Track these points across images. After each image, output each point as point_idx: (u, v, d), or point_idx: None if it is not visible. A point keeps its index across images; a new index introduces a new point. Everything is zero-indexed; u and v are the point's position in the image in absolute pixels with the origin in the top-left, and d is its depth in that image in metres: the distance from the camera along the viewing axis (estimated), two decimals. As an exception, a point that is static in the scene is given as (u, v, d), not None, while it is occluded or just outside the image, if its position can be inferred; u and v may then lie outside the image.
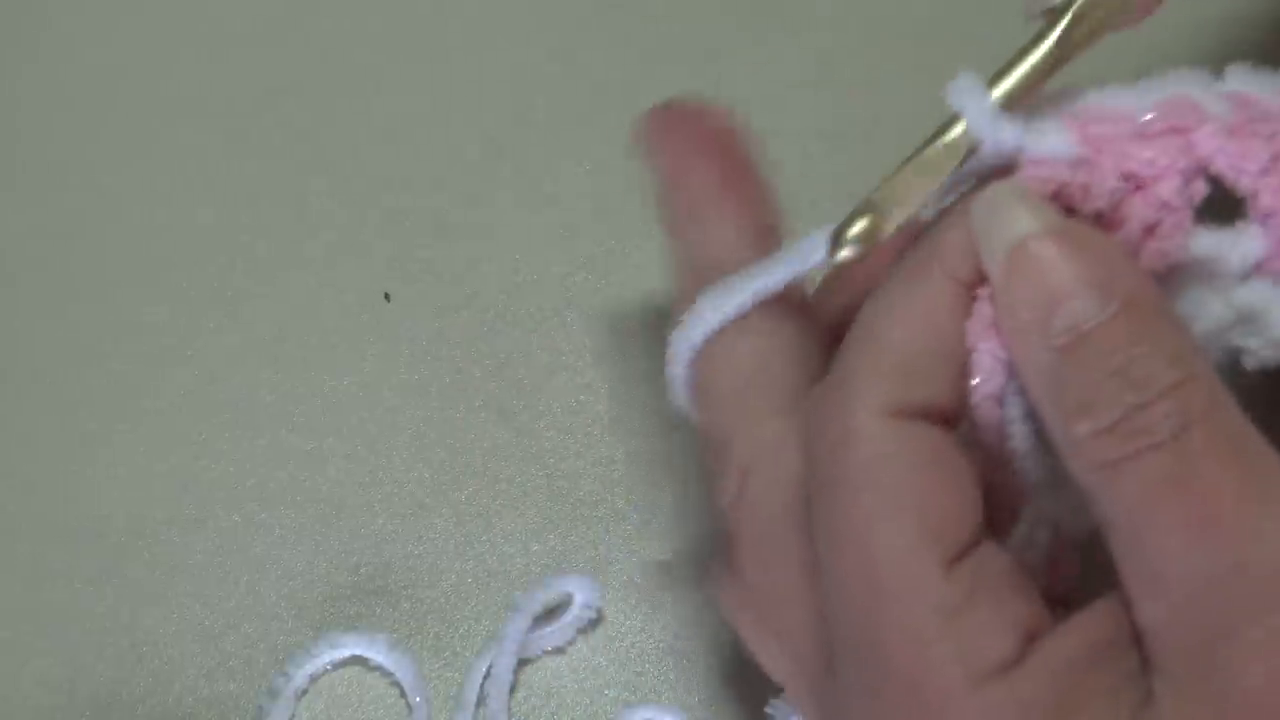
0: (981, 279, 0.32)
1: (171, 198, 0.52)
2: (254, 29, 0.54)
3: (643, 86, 0.52)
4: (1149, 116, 0.33)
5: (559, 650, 0.45)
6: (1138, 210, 0.32)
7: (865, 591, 0.32)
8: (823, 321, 0.37)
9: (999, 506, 0.34)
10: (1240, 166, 0.32)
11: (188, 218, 0.51)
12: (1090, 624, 0.32)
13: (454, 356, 0.49)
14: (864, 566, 0.32)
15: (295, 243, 0.51)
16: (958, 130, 0.33)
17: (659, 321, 0.49)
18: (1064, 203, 0.32)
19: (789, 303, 0.36)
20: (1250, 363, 0.34)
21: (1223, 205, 0.33)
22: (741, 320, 0.35)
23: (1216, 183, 0.33)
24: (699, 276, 0.37)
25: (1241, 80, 0.34)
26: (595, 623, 0.46)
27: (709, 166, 0.38)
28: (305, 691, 0.45)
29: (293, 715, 0.45)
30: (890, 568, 0.31)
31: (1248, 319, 0.33)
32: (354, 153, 0.52)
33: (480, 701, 0.45)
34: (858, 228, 0.32)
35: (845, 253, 0.32)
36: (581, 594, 0.45)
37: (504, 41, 0.53)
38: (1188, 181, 0.32)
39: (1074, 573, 0.35)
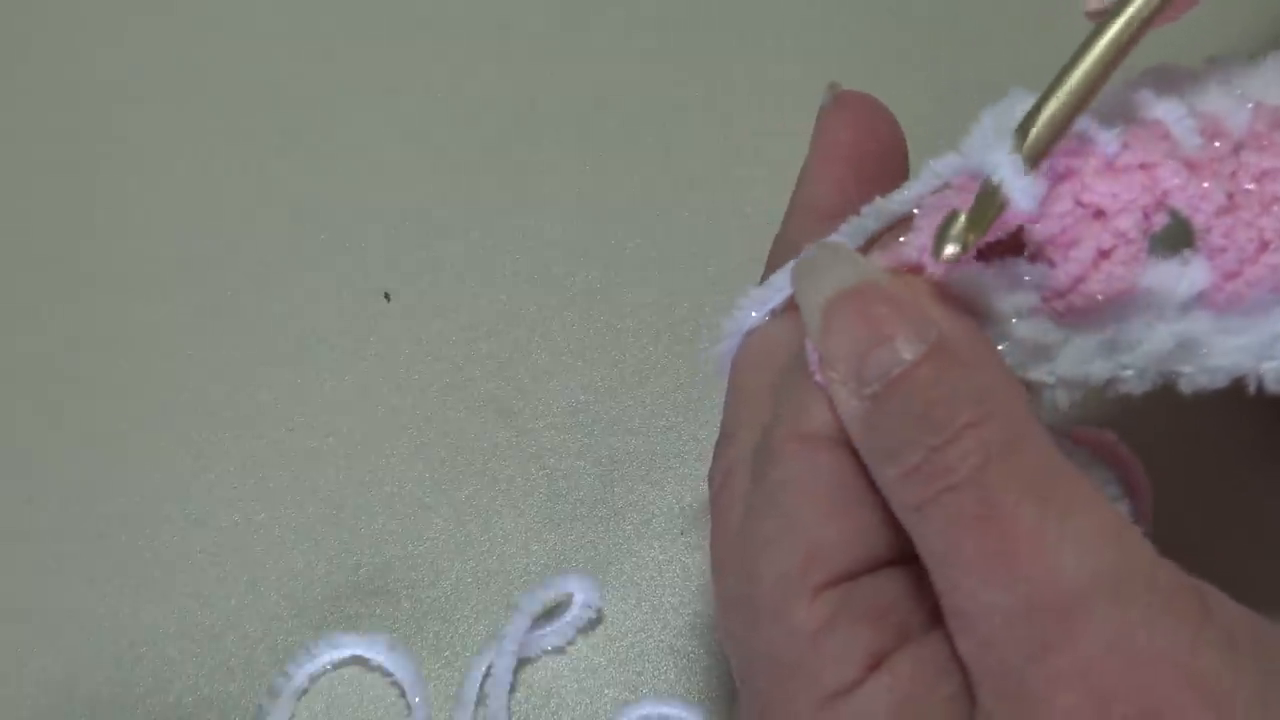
0: None
1: (171, 197, 0.52)
2: (255, 28, 0.54)
3: (643, 87, 0.52)
4: (1115, 148, 0.33)
5: (559, 650, 0.45)
6: (1094, 234, 0.32)
7: (745, 609, 0.33)
8: None
9: None
10: (1197, 205, 0.33)
11: (188, 217, 0.51)
12: (926, 649, 0.32)
13: (454, 356, 0.49)
14: (750, 585, 0.33)
15: (295, 243, 0.51)
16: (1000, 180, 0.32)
17: (659, 322, 0.49)
18: (1011, 223, 0.32)
19: None
20: (1185, 387, 0.34)
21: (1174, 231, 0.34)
22: (786, 315, 0.36)
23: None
24: (775, 263, 0.37)
25: (1218, 81, 0.34)
26: (595, 622, 0.46)
27: (835, 161, 0.38)
28: (305, 691, 0.45)
29: (292, 715, 0.45)
30: (767, 589, 0.33)
31: (1187, 346, 0.33)
32: (354, 152, 0.52)
33: (480, 701, 0.45)
34: (956, 228, 0.33)
35: (950, 249, 0.32)
36: (581, 594, 0.45)
37: (505, 41, 0.53)
38: (1147, 215, 0.33)
39: None
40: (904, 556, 0.33)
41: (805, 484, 0.33)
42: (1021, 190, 0.31)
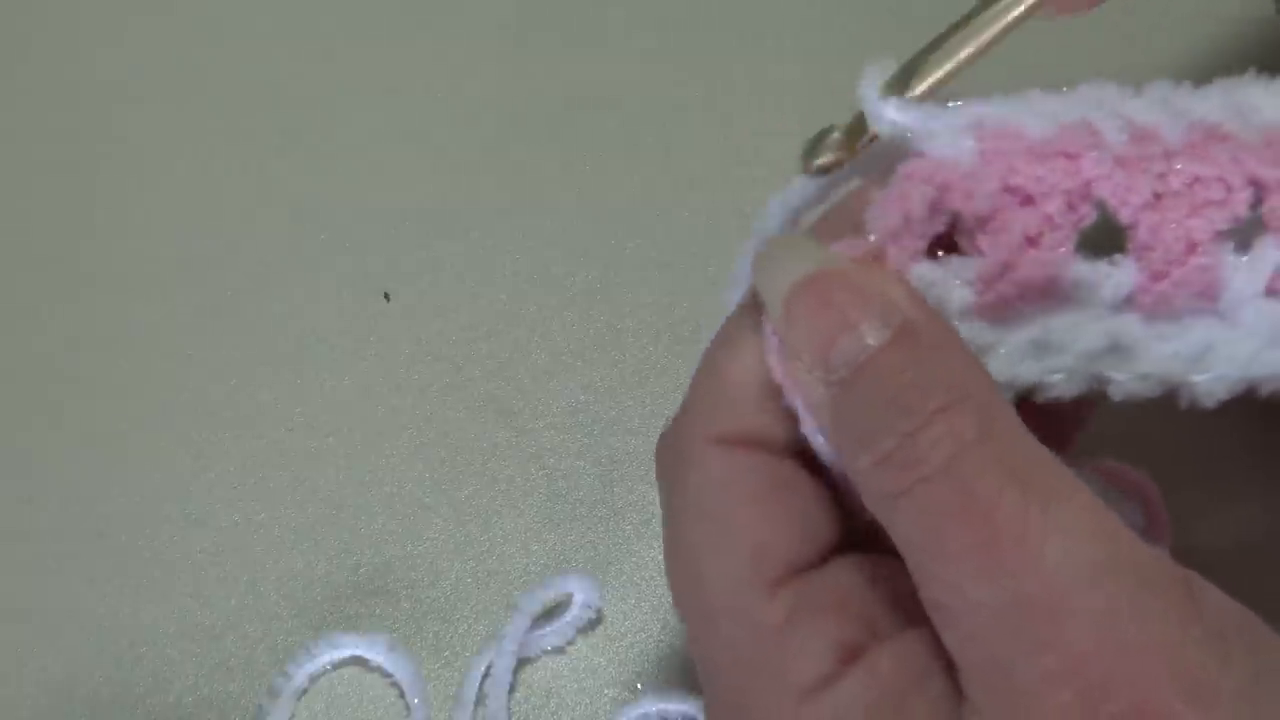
0: None
1: (171, 197, 0.52)
2: (255, 28, 0.54)
3: (643, 87, 0.52)
4: (1041, 137, 0.33)
5: (559, 650, 0.45)
6: (1021, 219, 0.33)
7: (699, 615, 0.33)
8: None
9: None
10: (1123, 198, 0.33)
11: (188, 217, 0.51)
12: (909, 644, 0.32)
13: (454, 356, 0.49)
14: (696, 591, 0.33)
15: (295, 243, 0.51)
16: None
17: (659, 322, 0.49)
18: (946, 204, 0.33)
19: None
20: (1116, 394, 0.34)
21: (1108, 238, 0.34)
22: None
23: (1105, 215, 0.33)
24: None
25: (1157, 100, 0.34)
26: (595, 622, 0.46)
27: None
28: (305, 691, 0.45)
29: (292, 715, 0.45)
30: (717, 593, 0.32)
31: (1116, 350, 0.33)
32: (354, 152, 0.52)
33: (479, 701, 0.45)
34: (832, 139, 0.34)
35: (822, 159, 0.34)
36: (581, 594, 0.45)
37: (505, 41, 0.53)
38: (1072, 204, 0.33)
39: None
40: (847, 545, 0.33)
41: (732, 485, 0.33)
42: (874, 105, 0.33)
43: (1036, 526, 0.29)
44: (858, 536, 0.34)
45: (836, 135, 0.33)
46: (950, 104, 0.34)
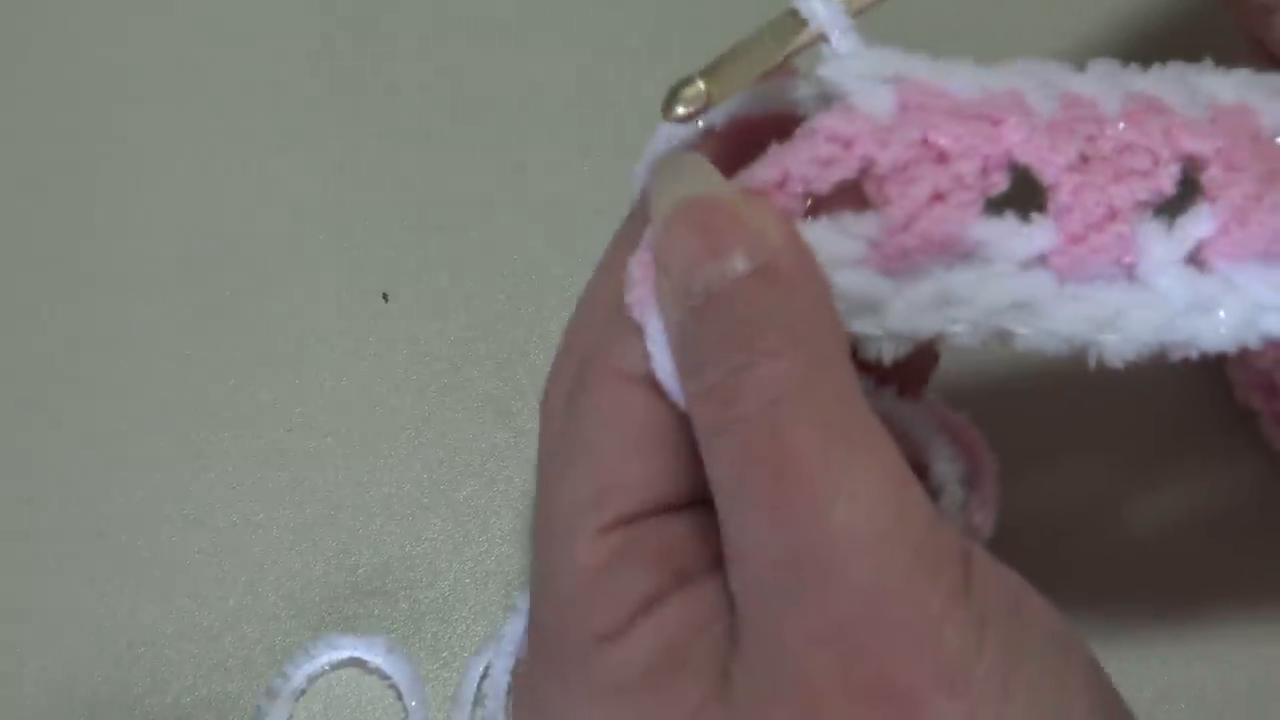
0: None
1: (171, 197, 0.52)
2: (255, 28, 0.54)
3: (642, 87, 0.52)
4: (968, 98, 0.33)
5: (557, 651, 0.45)
6: (931, 176, 0.32)
7: (542, 532, 0.33)
8: None
9: None
10: (1047, 158, 0.33)
11: (188, 217, 0.51)
12: (700, 591, 0.32)
13: (454, 356, 0.49)
14: (546, 508, 0.33)
15: (294, 243, 0.51)
16: (806, 32, 0.35)
17: (658, 322, 0.49)
18: (859, 149, 0.33)
19: None
20: (1019, 346, 0.34)
21: (1031, 198, 0.34)
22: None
23: (1028, 176, 0.33)
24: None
25: (1097, 74, 0.34)
26: (594, 623, 0.46)
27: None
28: (303, 692, 0.45)
29: (290, 716, 0.45)
30: (559, 517, 0.33)
31: (1023, 306, 0.33)
32: (354, 152, 0.52)
33: (478, 701, 0.45)
34: (691, 91, 0.34)
35: (679, 110, 0.34)
36: (580, 594, 0.45)
37: (505, 41, 0.53)
38: (987, 169, 0.33)
39: None
40: (704, 500, 0.33)
41: (612, 418, 0.33)
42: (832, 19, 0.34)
43: (830, 486, 0.29)
44: None
45: (700, 85, 0.33)
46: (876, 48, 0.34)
